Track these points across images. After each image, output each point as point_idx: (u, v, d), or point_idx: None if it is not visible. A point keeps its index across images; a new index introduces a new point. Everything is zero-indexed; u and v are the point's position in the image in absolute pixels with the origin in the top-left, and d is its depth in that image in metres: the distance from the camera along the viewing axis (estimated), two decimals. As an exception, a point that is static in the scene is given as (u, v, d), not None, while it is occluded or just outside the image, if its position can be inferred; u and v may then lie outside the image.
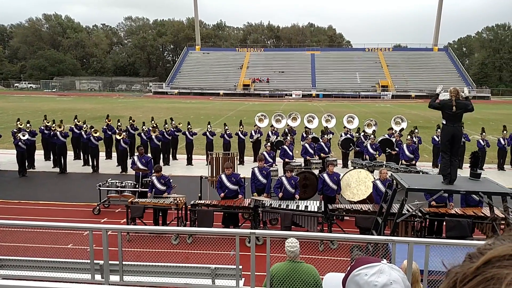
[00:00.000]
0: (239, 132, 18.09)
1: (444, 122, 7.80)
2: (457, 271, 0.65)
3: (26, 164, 16.33)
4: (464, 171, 12.38)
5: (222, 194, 10.31)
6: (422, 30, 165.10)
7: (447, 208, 9.76)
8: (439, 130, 15.74)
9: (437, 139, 16.39)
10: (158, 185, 10.61)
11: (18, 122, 17.84)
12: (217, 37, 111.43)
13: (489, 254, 0.63)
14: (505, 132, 17.26)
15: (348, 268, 1.54)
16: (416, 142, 16.10)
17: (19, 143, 15.57)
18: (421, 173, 12.54)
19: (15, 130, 16.66)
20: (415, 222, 9.08)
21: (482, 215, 8.97)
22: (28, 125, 17.33)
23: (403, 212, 8.15)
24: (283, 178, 10.54)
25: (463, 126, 8.05)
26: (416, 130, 17.43)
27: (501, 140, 17.03)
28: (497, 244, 0.65)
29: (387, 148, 15.75)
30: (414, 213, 8.69)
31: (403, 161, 14.67)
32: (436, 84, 14.45)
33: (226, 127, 18.25)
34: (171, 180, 11.07)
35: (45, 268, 6.34)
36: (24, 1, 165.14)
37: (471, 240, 7.73)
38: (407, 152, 14.71)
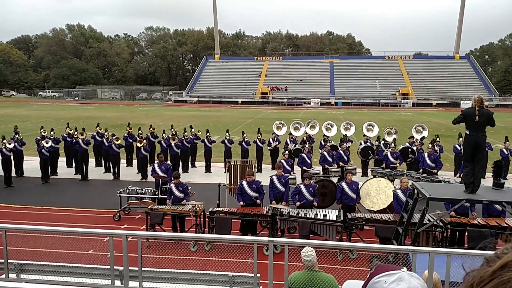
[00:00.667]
0: (257, 140, 18.11)
1: (468, 132, 7.68)
2: (474, 274, 0.65)
3: (49, 171, 16.67)
4: (487, 181, 12.10)
5: (242, 203, 10.33)
6: (443, 38, 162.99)
7: (469, 218, 9.55)
8: (461, 138, 15.47)
9: (459, 148, 16.09)
10: (176, 192, 10.69)
11: (42, 130, 18.29)
12: (236, 46, 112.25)
13: (505, 258, 0.64)
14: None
15: (368, 276, 1.53)
16: (438, 151, 15.84)
17: (43, 150, 15.93)
18: (442, 182, 12.32)
19: (38, 137, 17.06)
20: (437, 232, 8.90)
21: (506, 225, 8.75)
22: (52, 132, 17.74)
23: (424, 222, 8.01)
24: (301, 186, 10.50)
25: (486, 135, 7.89)
26: (438, 139, 17.15)
27: (526, 149, 16.58)
28: None
29: (410, 155, 15.55)
30: (435, 223, 8.53)
31: (424, 170, 14.43)
32: (457, 92, 14.25)
33: (244, 135, 18.30)
34: (189, 188, 11.14)
35: (66, 273, 6.43)
36: (49, 12, 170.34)
37: (492, 251, 7.53)
38: (428, 161, 14.47)
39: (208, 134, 18.41)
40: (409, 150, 15.73)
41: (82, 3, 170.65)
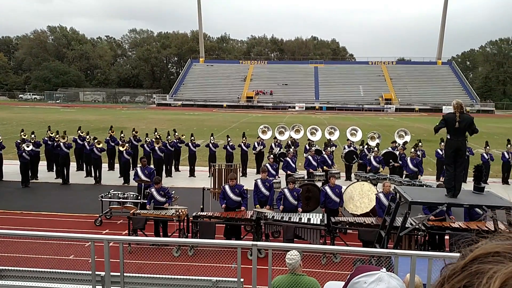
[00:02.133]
0: (242, 144, 18.11)
1: (449, 136, 7.80)
2: (449, 267, 0.68)
3: (30, 175, 16.36)
4: (468, 185, 12.30)
5: (224, 206, 10.29)
6: (426, 44, 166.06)
7: (449, 221, 9.69)
8: (443, 143, 15.72)
9: (441, 153, 16.34)
10: (158, 197, 10.58)
11: (22, 133, 17.95)
12: (221, 50, 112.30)
13: (476, 252, 0.67)
14: (509, 146, 17.19)
15: (348, 277, 1.53)
16: (420, 156, 16.07)
17: (23, 154, 15.63)
18: (424, 186, 12.48)
19: (19, 141, 16.74)
20: (419, 236, 9.01)
21: (486, 229, 8.90)
22: (32, 136, 17.43)
23: (406, 225, 8.09)
24: (285, 190, 10.51)
25: (467, 139, 8.05)
26: (420, 144, 17.40)
27: (505, 154, 16.96)
28: (487, 243, 0.68)
29: (390, 161, 15.73)
30: (417, 226, 8.63)
31: (407, 174, 14.62)
32: (439, 97, 14.50)
33: (229, 139, 18.27)
34: (172, 192, 11.05)
35: (46, 279, 6.31)
36: (29, 13, 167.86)
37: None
38: (410, 165, 14.66)
39: (192, 137, 18.32)
40: (391, 157, 15.88)
41: (64, 5, 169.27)
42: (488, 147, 17.02)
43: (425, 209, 9.45)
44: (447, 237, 9.35)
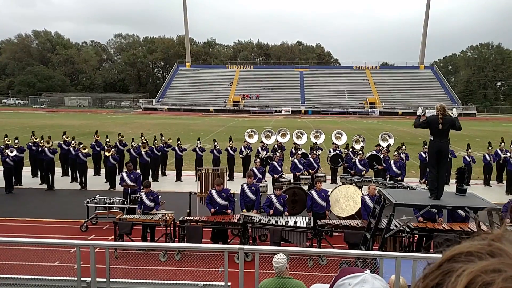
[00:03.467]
0: (229, 148, 18.12)
1: (432, 138, 7.96)
2: (428, 267, 0.72)
3: (13, 180, 16.12)
4: (451, 187, 12.53)
5: (213, 210, 10.31)
6: (408, 49, 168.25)
7: (435, 223, 9.84)
8: (426, 146, 15.97)
9: (424, 155, 16.59)
10: (147, 201, 10.55)
11: (6, 139, 17.68)
12: (207, 54, 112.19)
13: (451, 251, 0.70)
14: (490, 148, 17.55)
15: (333, 279, 1.59)
16: (404, 158, 16.29)
17: (7, 159, 15.40)
18: (408, 188, 12.66)
19: (2, 146, 16.48)
20: (403, 238, 9.14)
21: (469, 230, 9.07)
22: (16, 141, 17.18)
23: (391, 227, 8.21)
24: (273, 196, 10.56)
25: (449, 142, 8.21)
26: (403, 146, 17.63)
27: (487, 156, 17.29)
28: (463, 243, 0.72)
29: (374, 163, 15.91)
30: (401, 228, 8.76)
31: (391, 177, 14.81)
32: (422, 101, 14.75)
33: (216, 143, 18.26)
34: (159, 197, 11.02)
35: (31, 286, 6.24)
36: (12, 17, 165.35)
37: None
38: (394, 168, 14.86)
39: (179, 142, 18.28)
40: (376, 160, 16.07)
41: (46, 9, 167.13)
42: (470, 150, 17.33)
43: (415, 210, 9.59)
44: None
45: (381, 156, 16.24)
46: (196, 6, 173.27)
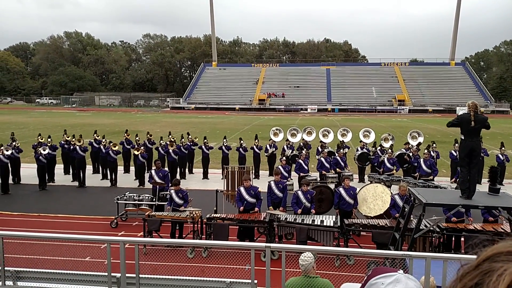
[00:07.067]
0: (255, 146, 18.15)
1: (463, 137, 7.74)
2: (464, 267, 0.70)
3: (46, 178, 16.64)
4: (483, 186, 12.16)
5: (242, 208, 10.35)
6: (438, 45, 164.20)
7: (465, 223, 9.59)
8: (456, 144, 15.55)
9: (455, 154, 16.15)
10: (176, 199, 10.70)
11: (39, 137, 18.27)
12: (233, 53, 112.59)
13: (489, 251, 0.69)
14: (525, 146, 16.94)
15: (365, 278, 1.56)
16: (434, 157, 15.90)
17: (40, 157, 15.90)
18: (439, 188, 12.36)
19: (35, 143, 17.02)
20: (433, 238, 8.93)
21: (502, 231, 8.79)
22: (49, 139, 17.72)
23: (420, 227, 8.04)
24: (299, 193, 10.51)
25: (481, 140, 7.96)
26: (434, 145, 17.23)
27: (522, 154, 16.68)
28: (501, 243, 0.70)
29: (405, 165, 15.62)
30: (431, 228, 8.56)
31: (421, 176, 14.49)
32: (453, 98, 14.36)
33: (242, 141, 18.32)
34: (188, 194, 11.15)
35: (63, 280, 6.42)
36: (42, 19, 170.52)
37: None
38: (424, 167, 14.53)
39: (205, 140, 18.44)
40: (405, 156, 15.79)
41: (74, 10, 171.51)
42: (503, 148, 16.77)
43: (445, 209, 9.35)
44: (463, 239, 9.26)
45: (411, 154, 15.92)
46: (222, 6, 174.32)
